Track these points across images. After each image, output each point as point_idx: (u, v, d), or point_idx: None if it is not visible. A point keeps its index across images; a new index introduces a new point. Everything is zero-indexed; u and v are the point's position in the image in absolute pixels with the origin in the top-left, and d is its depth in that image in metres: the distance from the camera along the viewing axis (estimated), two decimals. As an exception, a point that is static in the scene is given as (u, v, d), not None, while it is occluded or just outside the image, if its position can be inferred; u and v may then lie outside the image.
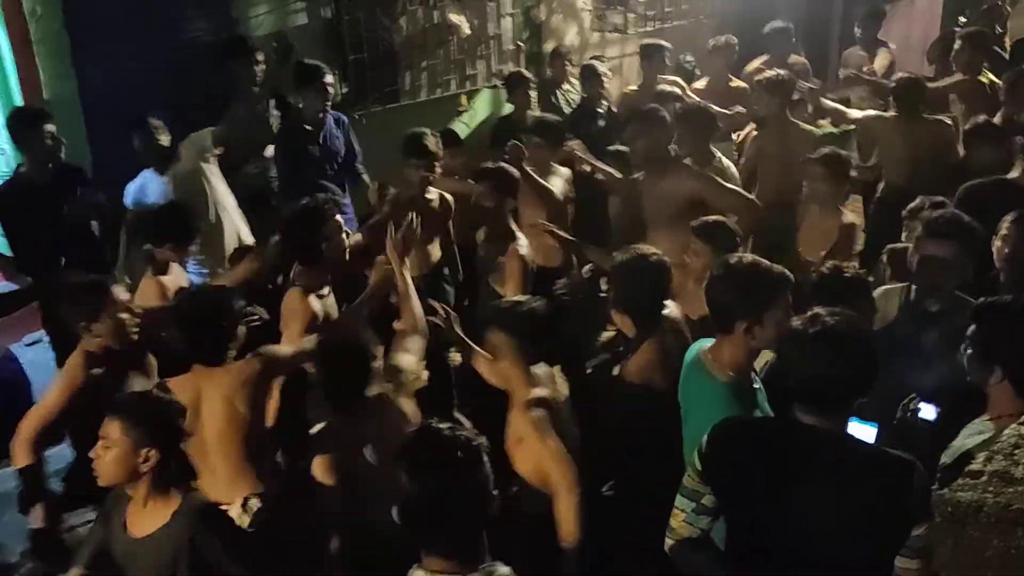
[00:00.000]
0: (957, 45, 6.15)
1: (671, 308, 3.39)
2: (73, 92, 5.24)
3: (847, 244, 4.52)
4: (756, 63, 6.76)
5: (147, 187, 4.74)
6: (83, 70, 5.25)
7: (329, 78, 5.14)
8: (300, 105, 5.31)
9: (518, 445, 3.01)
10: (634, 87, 6.64)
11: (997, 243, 3.52)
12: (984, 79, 6.03)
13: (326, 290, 3.86)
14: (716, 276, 2.79)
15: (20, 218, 4.20)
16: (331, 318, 3.78)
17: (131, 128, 4.70)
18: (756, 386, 2.82)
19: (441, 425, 2.08)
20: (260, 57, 5.27)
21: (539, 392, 3.04)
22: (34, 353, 5.05)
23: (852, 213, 4.85)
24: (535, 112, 6.06)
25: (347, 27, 6.22)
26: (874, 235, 5.35)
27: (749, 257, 2.82)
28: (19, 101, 5.12)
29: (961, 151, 5.20)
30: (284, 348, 3.41)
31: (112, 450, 2.53)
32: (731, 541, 2.46)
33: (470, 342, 3.48)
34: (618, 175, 4.93)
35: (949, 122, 5.52)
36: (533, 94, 6.45)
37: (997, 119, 5.21)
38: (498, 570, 2.07)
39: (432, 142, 4.57)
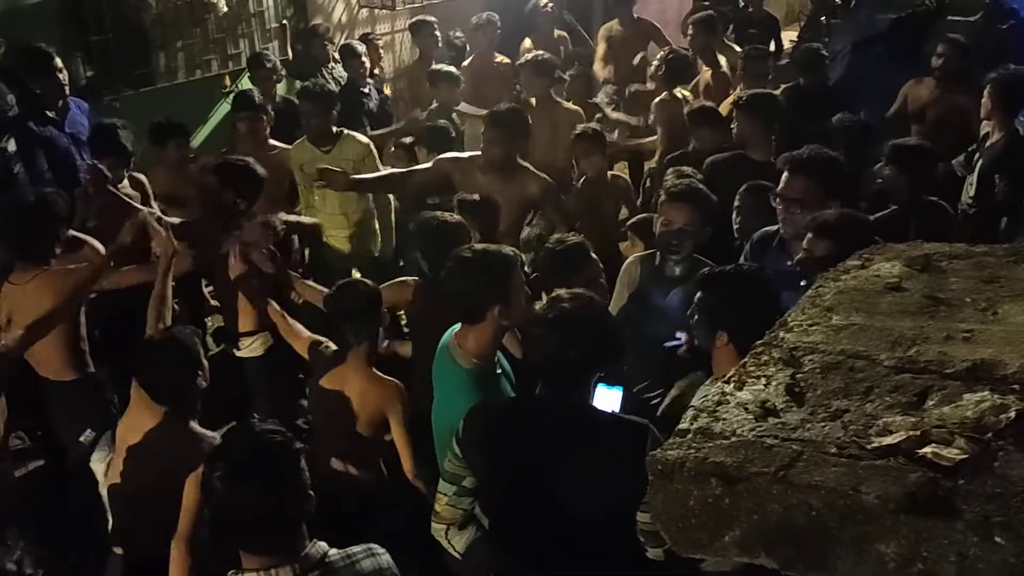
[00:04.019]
0: (689, 31, 6.28)
1: None
2: None
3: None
4: (528, 42, 6.83)
5: None
6: None
7: (57, 62, 4.81)
8: (37, 91, 4.90)
9: None
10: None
11: (734, 214, 3.78)
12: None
13: None
14: (453, 271, 2.77)
15: None
16: None
17: None
18: (498, 371, 2.85)
19: (254, 426, 2.08)
20: None
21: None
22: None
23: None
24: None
25: (88, 5, 5.82)
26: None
27: (479, 246, 2.88)
28: None
29: None
30: None
31: None
32: (493, 517, 2.55)
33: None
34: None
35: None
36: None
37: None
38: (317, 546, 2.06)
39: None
